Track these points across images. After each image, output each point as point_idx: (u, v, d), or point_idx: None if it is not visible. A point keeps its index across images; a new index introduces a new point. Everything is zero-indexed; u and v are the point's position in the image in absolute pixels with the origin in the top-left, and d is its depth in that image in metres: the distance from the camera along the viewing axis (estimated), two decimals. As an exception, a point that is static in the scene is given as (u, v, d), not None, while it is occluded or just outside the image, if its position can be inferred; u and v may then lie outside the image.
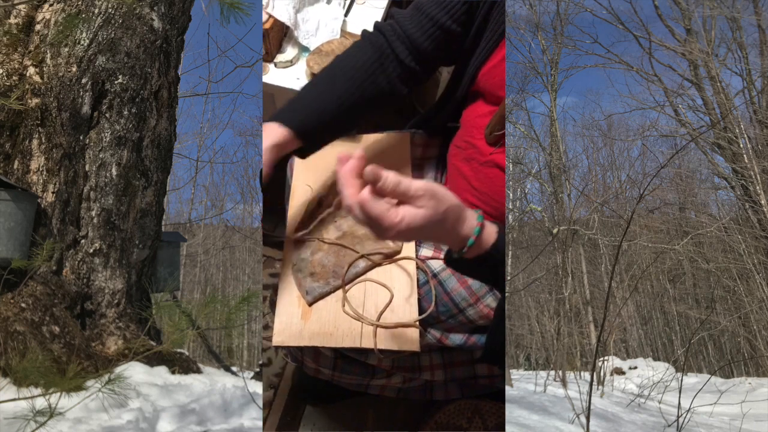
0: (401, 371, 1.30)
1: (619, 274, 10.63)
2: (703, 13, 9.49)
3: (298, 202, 1.33)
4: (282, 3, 2.05)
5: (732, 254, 9.68)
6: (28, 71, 2.34)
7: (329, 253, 1.23)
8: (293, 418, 1.75)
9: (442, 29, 1.21)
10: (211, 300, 1.62)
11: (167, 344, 1.52)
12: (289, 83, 2.06)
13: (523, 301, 12.51)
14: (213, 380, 2.31)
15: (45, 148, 2.25)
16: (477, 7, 1.20)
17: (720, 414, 3.33)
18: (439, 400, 1.47)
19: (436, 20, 1.21)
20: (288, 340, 1.12)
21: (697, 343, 11.24)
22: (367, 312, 1.15)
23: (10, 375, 1.78)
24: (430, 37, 1.21)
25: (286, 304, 1.17)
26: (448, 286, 1.21)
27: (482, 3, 1.19)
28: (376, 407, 1.75)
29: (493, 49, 1.18)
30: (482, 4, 1.19)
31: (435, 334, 1.23)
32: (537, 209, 8.94)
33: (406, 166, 1.37)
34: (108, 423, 1.60)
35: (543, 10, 11.88)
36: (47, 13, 2.45)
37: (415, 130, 1.46)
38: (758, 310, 8.84)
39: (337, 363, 1.29)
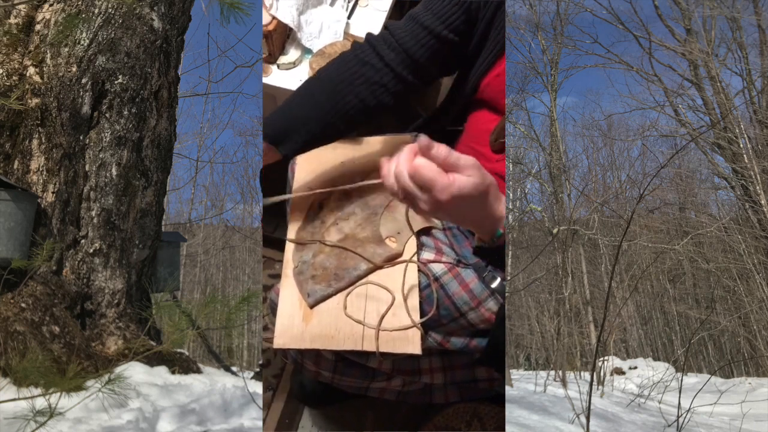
0: (401, 374, 1.30)
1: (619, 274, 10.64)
2: (703, 13, 9.50)
3: (299, 204, 1.33)
4: (285, 5, 2.05)
5: (732, 254, 9.68)
6: (28, 71, 2.34)
7: (331, 256, 1.23)
8: (292, 419, 1.75)
9: (438, 39, 1.21)
10: (211, 300, 1.62)
11: (167, 344, 1.52)
12: (291, 85, 2.05)
13: (523, 301, 12.51)
14: (213, 380, 2.31)
15: (45, 148, 2.25)
16: (477, 17, 1.20)
17: (720, 414, 3.33)
18: (439, 403, 1.47)
19: (432, 30, 1.21)
20: (289, 343, 1.12)
21: (697, 343, 11.24)
22: (369, 315, 1.15)
23: (10, 375, 1.77)
24: (425, 47, 1.21)
25: (287, 306, 1.17)
26: (450, 290, 1.21)
27: (483, 12, 1.19)
28: (376, 409, 1.74)
29: (496, 60, 1.19)
30: (483, 13, 1.19)
31: (436, 337, 1.23)
32: (537, 209, 8.94)
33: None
34: (108, 423, 1.60)
35: (543, 10, 11.88)
36: (47, 13, 2.45)
37: (416, 134, 1.46)
38: (758, 310, 8.84)
39: (337, 366, 1.29)
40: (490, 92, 1.20)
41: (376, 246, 1.23)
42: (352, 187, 1.01)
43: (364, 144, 1.45)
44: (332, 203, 1.31)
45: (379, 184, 0.88)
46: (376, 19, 2.19)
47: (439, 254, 1.26)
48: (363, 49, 1.24)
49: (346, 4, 2.22)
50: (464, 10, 1.20)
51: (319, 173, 1.38)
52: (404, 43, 1.21)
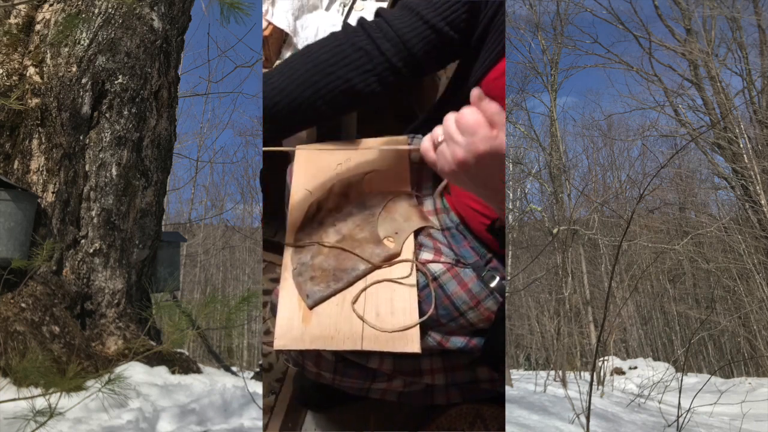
0: (402, 375, 1.30)
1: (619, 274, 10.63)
2: (703, 13, 9.50)
3: (297, 206, 1.33)
4: (281, 10, 2.05)
5: (732, 254, 9.68)
6: (28, 71, 2.34)
7: (329, 257, 1.23)
8: (294, 423, 1.75)
9: (436, 32, 1.20)
10: (211, 300, 1.62)
11: (167, 344, 1.52)
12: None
13: (523, 301, 12.51)
14: (213, 380, 2.31)
15: (45, 148, 2.25)
16: (478, 16, 1.19)
17: (720, 414, 3.33)
18: (440, 404, 1.47)
19: (430, 22, 1.19)
20: (289, 344, 1.12)
21: (697, 343, 11.24)
22: (368, 315, 1.15)
23: (10, 375, 1.77)
24: (423, 39, 1.20)
25: (286, 308, 1.17)
26: (449, 290, 1.21)
27: (484, 12, 1.18)
28: (377, 411, 1.74)
29: (496, 61, 1.17)
30: (485, 13, 1.18)
31: (436, 337, 1.23)
32: (537, 209, 8.94)
33: (405, 170, 1.37)
34: (108, 423, 1.60)
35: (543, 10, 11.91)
36: (47, 13, 2.45)
37: (413, 135, 1.45)
38: (758, 310, 8.84)
39: (338, 367, 1.29)
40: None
41: (374, 246, 1.24)
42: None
43: (361, 145, 1.45)
44: (330, 204, 1.31)
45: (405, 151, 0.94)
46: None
47: (438, 254, 1.26)
48: (357, 34, 1.21)
49: (342, 8, 2.22)
50: (466, 9, 1.19)
51: (317, 175, 1.38)
52: (403, 35, 1.19)
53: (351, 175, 1.35)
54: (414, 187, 1.36)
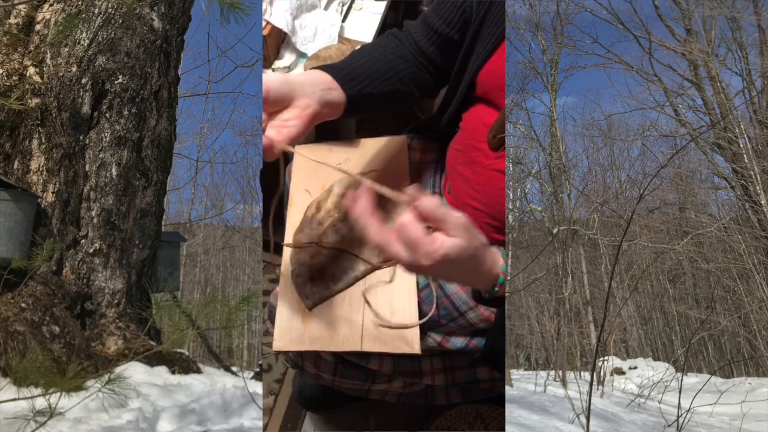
0: (402, 376, 1.30)
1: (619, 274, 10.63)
2: (703, 13, 9.50)
3: (296, 207, 1.33)
4: (279, 10, 2.05)
5: (732, 254, 9.68)
6: (28, 71, 2.34)
7: (329, 258, 1.23)
8: (294, 423, 1.75)
9: (443, 37, 1.23)
10: (211, 300, 1.62)
11: (167, 344, 1.51)
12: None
13: (523, 301, 12.52)
14: (213, 380, 2.31)
15: (45, 148, 2.25)
16: (473, 11, 1.20)
17: (720, 414, 3.33)
18: (440, 404, 1.47)
19: (437, 30, 1.23)
20: (288, 345, 1.12)
21: (697, 343, 11.24)
22: (367, 315, 1.15)
23: (10, 375, 1.78)
24: (434, 45, 1.23)
25: (286, 309, 1.17)
26: (449, 290, 1.21)
27: (479, 6, 1.19)
28: (377, 412, 1.74)
29: (492, 51, 1.17)
30: (479, 7, 1.19)
31: (436, 337, 1.23)
32: (537, 209, 8.93)
33: (404, 171, 1.37)
34: (108, 423, 1.60)
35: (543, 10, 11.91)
36: (47, 13, 2.45)
37: (413, 135, 1.45)
38: (758, 310, 8.85)
39: (337, 368, 1.29)
40: (486, 86, 1.19)
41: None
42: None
43: (360, 145, 1.45)
44: (329, 205, 1.31)
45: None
46: (371, 22, 2.19)
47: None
48: (400, 39, 1.24)
49: (341, 7, 2.22)
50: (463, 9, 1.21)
51: (316, 176, 1.38)
52: (420, 44, 1.24)
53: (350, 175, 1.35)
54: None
